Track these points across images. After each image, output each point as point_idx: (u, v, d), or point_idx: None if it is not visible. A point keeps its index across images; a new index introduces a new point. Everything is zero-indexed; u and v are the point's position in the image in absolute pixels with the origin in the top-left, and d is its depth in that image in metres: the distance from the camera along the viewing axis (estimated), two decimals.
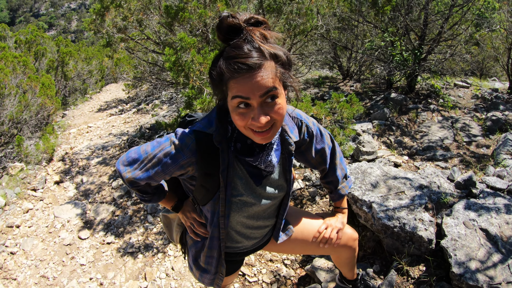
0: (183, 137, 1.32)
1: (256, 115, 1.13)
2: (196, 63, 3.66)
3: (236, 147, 1.33)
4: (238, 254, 1.73)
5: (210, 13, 4.27)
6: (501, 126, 4.93)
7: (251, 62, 1.07)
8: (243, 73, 1.08)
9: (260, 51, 1.09)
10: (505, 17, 6.30)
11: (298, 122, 1.52)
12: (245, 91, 1.10)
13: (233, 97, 1.13)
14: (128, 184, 1.46)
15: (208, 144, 1.30)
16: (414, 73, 6.03)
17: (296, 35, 5.13)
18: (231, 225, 1.52)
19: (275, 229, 1.74)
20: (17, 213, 4.67)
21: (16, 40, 10.51)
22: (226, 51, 1.13)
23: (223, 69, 1.11)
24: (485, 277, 2.18)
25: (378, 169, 3.27)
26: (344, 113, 4.01)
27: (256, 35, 1.10)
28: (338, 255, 2.03)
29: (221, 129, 1.31)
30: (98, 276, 3.62)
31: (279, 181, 1.52)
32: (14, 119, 6.33)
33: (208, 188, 1.39)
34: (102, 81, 14.95)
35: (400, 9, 5.94)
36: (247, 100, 1.11)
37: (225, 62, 1.11)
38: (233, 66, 1.08)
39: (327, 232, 1.80)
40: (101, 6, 5.12)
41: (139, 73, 7.16)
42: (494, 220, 2.56)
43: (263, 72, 1.09)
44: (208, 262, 1.65)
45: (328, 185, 1.84)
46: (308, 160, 1.69)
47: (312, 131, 1.58)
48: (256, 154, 1.33)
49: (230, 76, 1.10)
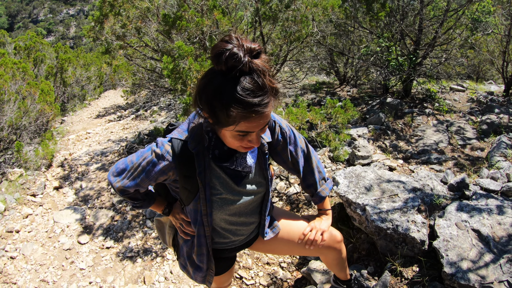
0: (161, 145, 1.43)
1: (254, 140, 1.29)
2: (194, 70, 3.72)
3: (214, 154, 1.42)
4: (227, 251, 1.80)
5: (207, 22, 4.35)
6: (496, 129, 4.99)
7: (266, 111, 1.19)
8: (257, 118, 1.19)
9: (268, 91, 1.18)
10: (499, 20, 6.38)
11: (272, 123, 1.62)
12: (252, 128, 1.23)
13: (237, 130, 1.23)
14: (119, 193, 1.60)
15: (184, 150, 1.42)
16: (410, 78, 6.11)
17: (292, 42, 5.20)
18: (215, 222, 1.62)
19: (260, 226, 1.80)
20: (17, 218, 4.70)
21: (16, 46, 10.60)
22: (239, 92, 1.14)
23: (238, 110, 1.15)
24: (477, 276, 2.23)
25: (372, 173, 3.33)
26: (339, 118, 4.08)
27: (263, 71, 1.15)
28: (325, 256, 2.09)
29: (196, 136, 1.42)
30: (98, 280, 3.65)
31: (258, 179, 1.62)
32: (13, 125, 6.37)
33: (189, 189, 1.50)
34: (101, 87, 15.03)
35: (395, 14, 6.03)
36: (251, 133, 1.27)
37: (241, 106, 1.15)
38: (254, 112, 1.16)
39: (312, 234, 1.85)
40: (100, 13, 5.20)
41: (138, 80, 7.23)
42: (486, 221, 2.61)
43: (268, 110, 1.21)
44: (200, 259, 1.73)
45: (309, 189, 1.90)
46: (284, 161, 1.77)
47: (286, 132, 1.67)
48: (233, 159, 1.45)
49: (242, 116, 1.17)
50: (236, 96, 1.13)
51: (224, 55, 1.10)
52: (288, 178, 4.43)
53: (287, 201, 4.15)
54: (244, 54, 1.11)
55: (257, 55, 1.16)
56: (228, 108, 1.15)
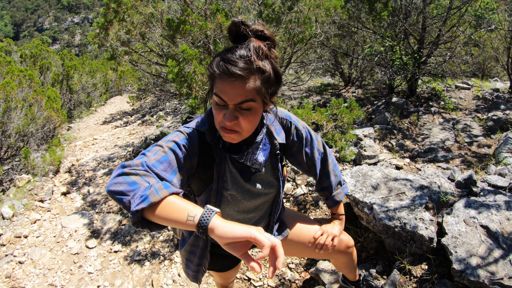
0: (189, 131, 1.39)
1: (227, 115, 1.22)
2: (198, 73, 3.74)
3: (224, 145, 1.41)
4: None
5: (210, 25, 4.37)
6: (502, 125, 4.96)
7: (232, 70, 1.15)
8: (226, 77, 1.17)
9: (249, 63, 1.16)
10: (503, 17, 6.35)
11: (287, 123, 1.60)
12: (224, 95, 1.20)
13: (214, 93, 1.23)
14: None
15: (204, 140, 1.40)
16: (415, 77, 6.09)
17: (295, 44, 5.22)
18: (223, 217, 1.58)
19: (269, 228, 1.78)
20: (25, 223, 4.74)
21: (22, 54, 10.70)
22: (224, 52, 1.22)
23: (214, 66, 1.21)
24: (487, 272, 2.21)
25: (379, 172, 3.32)
26: (344, 118, 4.07)
27: (255, 47, 1.17)
28: (336, 260, 2.07)
29: (211, 128, 1.40)
30: (106, 283, 3.67)
31: (269, 178, 1.58)
32: (20, 132, 6.43)
33: (203, 179, 1.46)
34: (107, 94, 15.12)
35: (398, 14, 6.02)
36: (224, 103, 1.21)
37: (219, 60, 1.20)
38: (221, 67, 1.18)
39: (323, 239, 1.81)
40: (104, 20, 5.25)
41: (143, 85, 7.27)
42: (495, 217, 2.59)
43: (245, 83, 1.17)
44: (192, 251, 1.69)
45: (323, 192, 1.86)
46: (300, 163, 1.74)
47: (302, 133, 1.64)
48: (243, 151, 1.42)
49: (217, 75, 1.20)
50: (222, 52, 1.22)
51: (232, 27, 1.20)
52: (295, 179, 4.42)
53: (294, 202, 4.14)
54: (248, 30, 1.19)
55: (262, 37, 1.21)
56: (213, 60, 1.23)
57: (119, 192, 1.14)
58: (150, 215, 1.12)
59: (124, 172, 1.18)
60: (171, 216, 1.10)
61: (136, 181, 1.15)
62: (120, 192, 1.14)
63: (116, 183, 1.16)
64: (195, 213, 1.09)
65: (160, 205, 1.11)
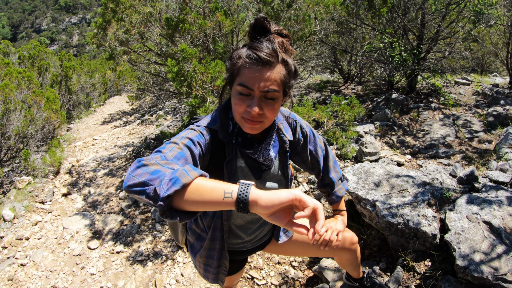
0: (201, 128, 1.39)
1: (252, 104, 1.24)
2: (198, 72, 3.73)
3: (237, 141, 1.42)
4: (239, 253, 1.78)
5: (209, 24, 4.35)
6: (502, 120, 4.95)
7: (262, 56, 1.20)
8: (255, 64, 1.22)
9: (275, 53, 1.22)
10: (502, 12, 6.34)
11: (293, 122, 1.63)
12: (251, 82, 1.23)
13: (239, 83, 1.25)
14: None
15: (215, 138, 1.40)
16: (414, 73, 6.08)
17: (295, 41, 5.20)
18: (233, 217, 1.60)
19: (275, 229, 1.78)
20: (26, 225, 4.73)
21: (20, 56, 10.66)
22: (250, 43, 1.27)
23: (242, 54, 1.26)
24: (490, 268, 2.21)
25: (381, 169, 3.31)
26: (345, 115, 4.06)
27: (278, 41, 1.24)
28: (340, 257, 2.08)
29: (224, 125, 1.41)
30: (109, 284, 3.66)
31: (278, 176, 1.59)
32: (20, 133, 6.42)
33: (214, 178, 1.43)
34: (106, 94, 15.10)
35: (397, 10, 6.01)
36: (251, 91, 1.24)
37: (246, 50, 1.25)
38: (250, 55, 1.22)
39: (327, 235, 1.81)
40: (102, 20, 5.22)
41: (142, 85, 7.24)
42: (497, 213, 2.59)
43: (271, 71, 1.22)
44: (210, 255, 1.69)
45: (325, 189, 1.87)
46: (304, 161, 1.76)
47: (306, 132, 1.67)
48: (255, 147, 1.42)
49: (244, 62, 1.24)
50: (248, 44, 1.28)
51: (257, 22, 1.25)
52: (297, 177, 4.42)
53: None
54: (269, 26, 1.25)
55: (282, 35, 1.28)
56: (237, 51, 1.29)
57: (140, 183, 1.04)
58: (179, 201, 1.02)
59: (144, 164, 1.09)
60: (205, 198, 1.02)
61: (158, 169, 1.07)
62: (141, 183, 1.04)
63: (135, 175, 1.06)
64: (231, 189, 1.02)
65: (190, 188, 1.02)
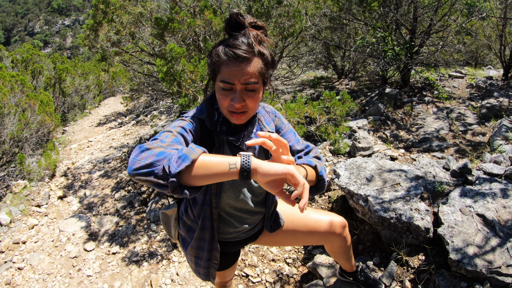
0: (190, 118, 1.45)
1: (235, 98, 1.31)
2: (187, 71, 3.71)
3: (221, 129, 1.46)
4: (232, 244, 1.77)
5: (199, 22, 4.33)
6: (496, 112, 4.96)
7: (239, 53, 1.26)
8: (233, 61, 1.27)
9: (251, 47, 1.28)
10: (494, 4, 6.33)
11: (273, 117, 1.69)
12: (232, 78, 1.29)
13: (221, 80, 1.31)
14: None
15: (203, 127, 1.47)
16: (407, 67, 6.07)
17: (286, 38, 5.19)
18: (221, 205, 1.61)
19: (265, 219, 1.78)
20: (23, 229, 4.72)
21: (13, 59, 10.61)
22: (226, 40, 1.33)
23: (219, 52, 1.31)
24: (484, 261, 2.21)
25: (373, 163, 3.31)
26: (337, 111, 4.06)
27: (253, 34, 1.30)
28: (331, 245, 2.08)
29: (210, 115, 1.47)
30: (105, 286, 3.66)
31: None
32: (15, 137, 6.39)
33: None
34: (100, 95, 15.03)
35: (389, 4, 6.00)
36: (232, 85, 1.30)
37: (223, 48, 1.30)
38: (227, 52, 1.28)
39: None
40: (94, 21, 5.20)
41: (136, 85, 7.22)
42: (491, 205, 2.59)
43: (249, 66, 1.28)
44: (200, 246, 1.69)
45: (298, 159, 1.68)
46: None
47: (283, 123, 1.71)
48: (238, 134, 1.47)
49: (223, 61, 1.29)
50: (224, 41, 1.33)
51: (231, 18, 1.31)
52: None
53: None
54: (245, 21, 1.31)
55: (256, 27, 1.34)
56: (215, 49, 1.33)
57: (147, 165, 1.09)
58: (188, 177, 1.11)
59: (146, 148, 1.15)
60: (213, 170, 1.11)
61: (163, 151, 1.14)
62: (148, 165, 1.09)
63: (140, 159, 1.11)
64: (235, 161, 1.11)
65: (197, 164, 1.11)
